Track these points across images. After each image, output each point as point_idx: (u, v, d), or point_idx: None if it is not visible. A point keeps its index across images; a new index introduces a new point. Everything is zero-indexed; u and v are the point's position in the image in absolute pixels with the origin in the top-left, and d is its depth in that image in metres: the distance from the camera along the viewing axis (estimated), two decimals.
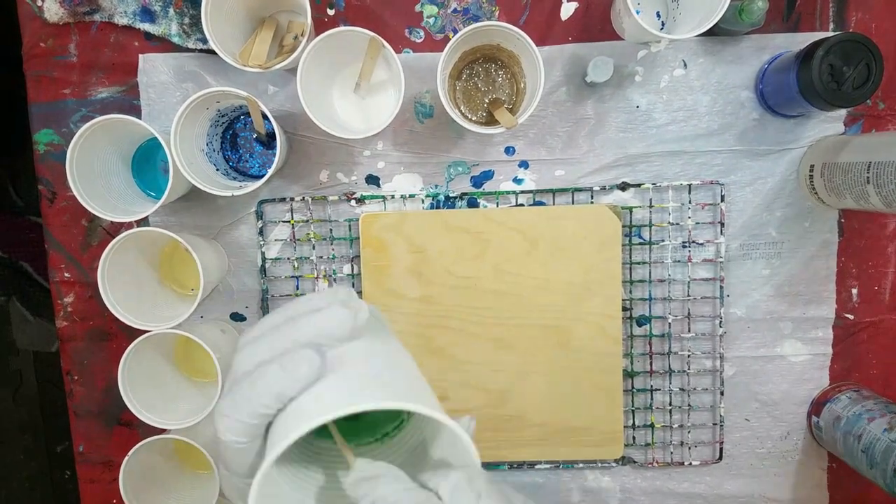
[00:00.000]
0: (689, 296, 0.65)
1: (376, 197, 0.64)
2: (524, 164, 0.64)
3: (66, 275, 0.65)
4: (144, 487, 0.59)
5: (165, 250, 0.64)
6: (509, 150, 0.64)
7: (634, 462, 0.66)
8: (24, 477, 1.26)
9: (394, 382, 0.30)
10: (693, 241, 0.64)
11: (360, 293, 0.64)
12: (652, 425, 0.66)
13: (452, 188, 0.64)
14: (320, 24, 0.63)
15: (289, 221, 0.64)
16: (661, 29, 0.62)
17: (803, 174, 0.63)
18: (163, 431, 0.59)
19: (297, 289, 0.65)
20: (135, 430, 0.66)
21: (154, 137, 0.55)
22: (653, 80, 0.63)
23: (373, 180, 0.64)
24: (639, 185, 0.64)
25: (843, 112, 0.63)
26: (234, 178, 0.63)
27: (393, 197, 0.64)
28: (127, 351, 0.56)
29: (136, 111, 0.63)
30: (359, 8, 0.62)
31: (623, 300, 0.64)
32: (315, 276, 0.65)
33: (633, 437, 0.66)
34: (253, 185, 0.56)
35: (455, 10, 0.63)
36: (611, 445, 0.64)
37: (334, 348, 0.30)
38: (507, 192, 0.64)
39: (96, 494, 0.68)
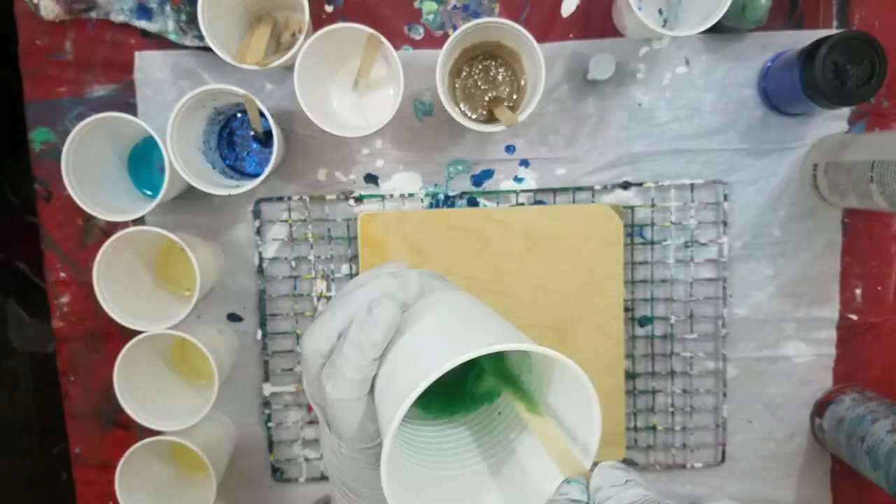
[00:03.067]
0: (691, 296, 0.64)
1: (375, 196, 0.64)
2: (525, 163, 0.63)
3: (62, 275, 0.64)
4: (140, 489, 0.58)
5: (162, 250, 0.63)
6: (510, 149, 0.63)
7: (636, 465, 0.65)
8: (21, 479, 1.25)
9: (486, 330, 0.31)
10: (695, 241, 0.64)
11: None
12: (654, 427, 0.65)
13: (452, 187, 0.64)
14: (318, 21, 0.62)
15: (286, 221, 0.64)
16: (664, 26, 0.61)
17: (807, 173, 0.62)
18: (159, 433, 0.58)
19: (295, 289, 0.64)
20: (131, 431, 0.65)
21: (150, 136, 0.54)
22: (655, 78, 0.62)
23: (371, 179, 0.64)
24: (641, 184, 0.63)
25: (846, 110, 0.62)
26: (231, 177, 0.62)
27: (392, 196, 0.64)
28: (123, 352, 0.56)
29: (132, 109, 0.62)
30: (357, 4, 0.62)
31: (625, 300, 0.63)
32: (313, 275, 0.64)
33: (635, 440, 0.65)
34: (250, 184, 0.56)
35: (455, 7, 0.62)
36: (612, 448, 0.63)
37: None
38: (508, 191, 0.64)
39: (92, 496, 0.67)
